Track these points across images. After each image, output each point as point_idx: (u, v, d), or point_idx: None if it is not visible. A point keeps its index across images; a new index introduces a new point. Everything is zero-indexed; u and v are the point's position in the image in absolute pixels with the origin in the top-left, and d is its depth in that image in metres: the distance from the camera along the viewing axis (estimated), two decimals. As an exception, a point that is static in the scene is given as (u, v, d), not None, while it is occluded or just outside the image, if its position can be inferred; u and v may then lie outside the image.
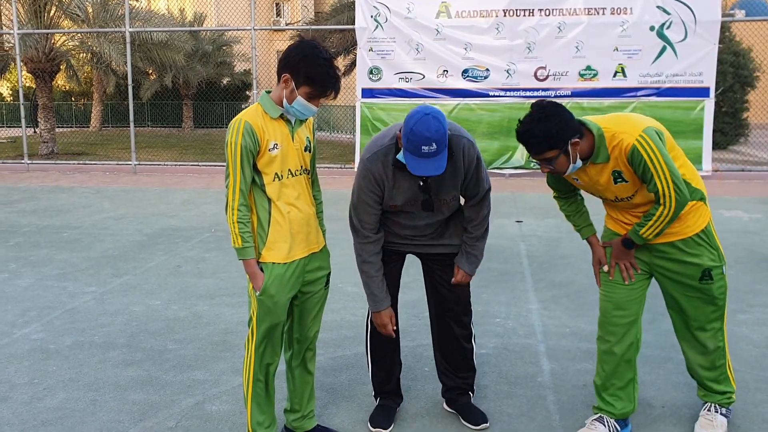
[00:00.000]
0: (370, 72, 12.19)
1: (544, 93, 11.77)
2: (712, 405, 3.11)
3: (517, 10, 11.68)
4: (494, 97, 11.95)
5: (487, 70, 11.90)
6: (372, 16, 12.05)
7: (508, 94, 11.89)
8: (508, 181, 11.68)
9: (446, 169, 2.74)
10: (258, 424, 2.88)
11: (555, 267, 5.97)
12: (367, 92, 12.26)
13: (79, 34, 17.83)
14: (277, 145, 2.69)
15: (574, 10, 11.52)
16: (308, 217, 2.82)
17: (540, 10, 11.62)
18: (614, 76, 11.56)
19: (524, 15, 11.69)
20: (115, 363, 3.94)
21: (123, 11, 14.70)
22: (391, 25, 12.01)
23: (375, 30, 12.07)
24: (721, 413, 3.08)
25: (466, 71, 11.97)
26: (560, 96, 11.70)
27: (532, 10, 11.64)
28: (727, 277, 2.98)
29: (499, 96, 11.93)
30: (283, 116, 2.72)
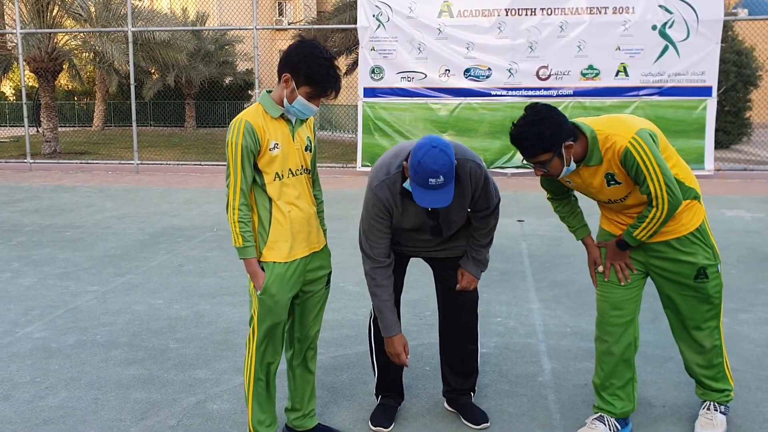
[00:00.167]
0: (372, 71, 12.19)
1: (546, 92, 11.77)
2: (711, 403, 3.11)
3: (519, 10, 11.68)
4: (496, 96, 11.95)
5: (489, 69, 11.89)
6: (374, 16, 12.05)
7: (510, 93, 11.89)
8: (510, 181, 11.67)
9: (454, 195, 2.75)
10: (259, 423, 2.89)
11: (556, 266, 5.98)
12: (369, 92, 12.26)
13: (82, 34, 17.86)
14: (278, 144, 2.69)
15: (576, 9, 11.51)
16: (309, 217, 2.83)
17: (542, 9, 11.61)
18: (616, 75, 11.55)
19: (526, 14, 11.68)
20: (117, 362, 3.95)
21: (125, 11, 14.71)
22: (393, 25, 12.01)
23: (377, 29, 12.07)
24: (720, 411, 3.09)
25: (468, 70, 11.97)
26: (562, 95, 11.71)
27: (534, 9, 11.63)
28: (722, 276, 2.98)
29: (501, 95, 11.93)
30: (283, 116, 2.72)
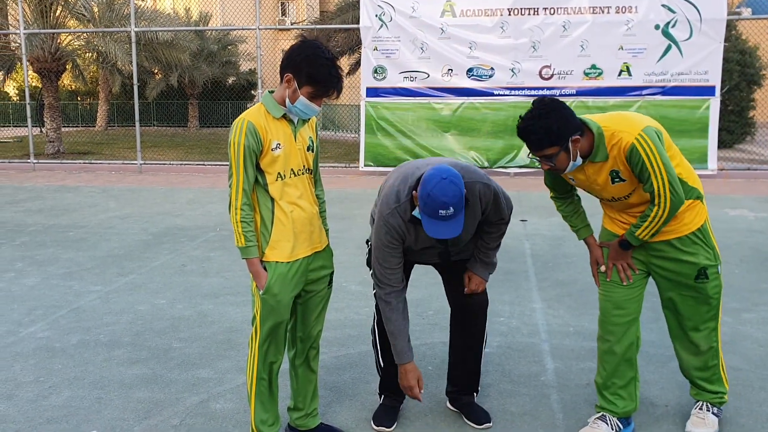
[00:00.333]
0: (375, 71, 12.19)
1: (548, 92, 11.74)
2: (704, 404, 3.11)
3: (521, 9, 11.66)
4: (499, 96, 11.93)
5: (492, 69, 11.88)
6: (377, 15, 12.05)
7: (513, 93, 11.87)
8: (513, 180, 11.67)
9: (464, 218, 2.75)
10: (262, 422, 2.90)
11: (559, 266, 5.97)
12: (372, 91, 12.26)
13: (85, 34, 17.89)
14: (280, 144, 2.70)
15: (579, 8, 11.50)
16: (311, 216, 2.83)
17: (545, 8, 11.60)
18: (619, 74, 11.53)
19: (529, 14, 11.67)
20: (120, 361, 3.96)
21: (128, 11, 14.74)
22: (396, 24, 12.01)
23: (380, 29, 12.07)
24: (712, 412, 3.09)
25: (470, 70, 11.96)
26: (565, 95, 11.68)
27: (537, 8, 11.62)
28: (722, 277, 2.98)
29: (504, 95, 11.91)
30: (285, 116, 2.73)
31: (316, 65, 2.60)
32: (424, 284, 5.11)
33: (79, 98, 35.00)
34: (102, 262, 6.19)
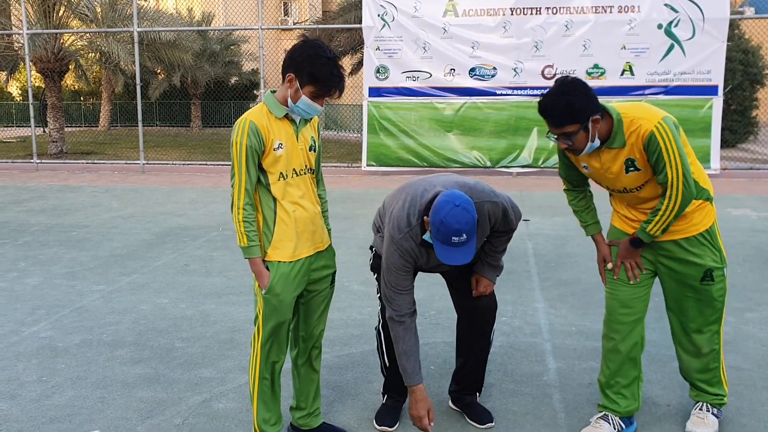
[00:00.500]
0: (377, 71, 12.19)
1: (551, 91, 11.73)
2: (704, 404, 3.11)
3: (524, 9, 11.66)
4: (501, 95, 11.93)
5: (495, 68, 11.88)
6: (379, 15, 12.05)
7: (516, 92, 11.87)
8: (515, 180, 11.67)
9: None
10: (264, 422, 2.90)
11: (562, 265, 5.97)
12: (374, 91, 12.26)
13: (88, 34, 17.91)
14: (282, 144, 2.70)
15: (582, 8, 11.49)
16: (313, 216, 2.83)
17: (547, 8, 11.59)
18: (622, 74, 11.53)
19: (531, 13, 11.66)
20: (123, 361, 3.97)
21: (131, 11, 14.75)
22: (398, 24, 12.01)
23: (382, 29, 12.07)
24: (712, 413, 3.08)
25: (473, 70, 11.96)
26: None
27: (539, 8, 11.62)
28: (727, 280, 2.97)
29: (507, 94, 11.91)
30: (287, 116, 2.73)
31: (317, 64, 2.60)
32: (426, 284, 5.11)
33: (82, 98, 35.06)
34: (105, 262, 6.20)
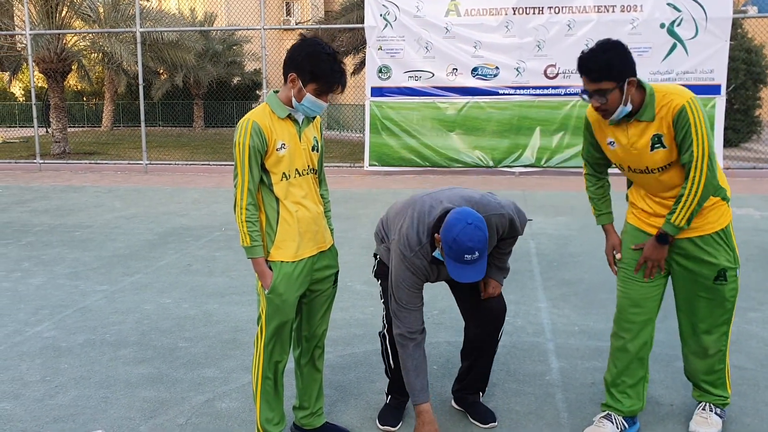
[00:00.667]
0: (380, 71, 12.20)
1: (554, 91, 11.75)
2: (707, 404, 3.11)
3: (526, 8, 11.66)
4: (504, 95, 11.93)
5: (497, 68, 11.88)
6: (381, 15, 12.06)
7: (518, 92, 11.87)
8: (518, 180, 11.66)
9: None
10: (267, 421, 2.91)
11: (564, 265, 5.97)
12: (377, 91, 12.27)
13: (91, 35, 17.95)
14: (285, 144, 2.71)
15: (584, 7, 11.48)
16: (316, 216, 2.83)
17: (549, 7, 11.59)
18: (624, 73, 11.50)
19: (533, 13, 11.66)
20: (126, 361, 3.98)
21: (134, 11, 14.78)
22: (401, 24, 12.02)
23: (384, 28, 12.08)
24: (716, 413, 3.08)
25: (475, 69, 11.96)
26: (570, 94, 11.67)
27: (542, 7, 11.61)
28: (739, 281, 2.96)
29: (509, 94, 11.91)
30: (290, 116, 2.73)
31: (318, 62, 2.61)
32: (429, 285, 5.11)
33: (85, 98, 35.10)
34: (108, 262, 6.21)
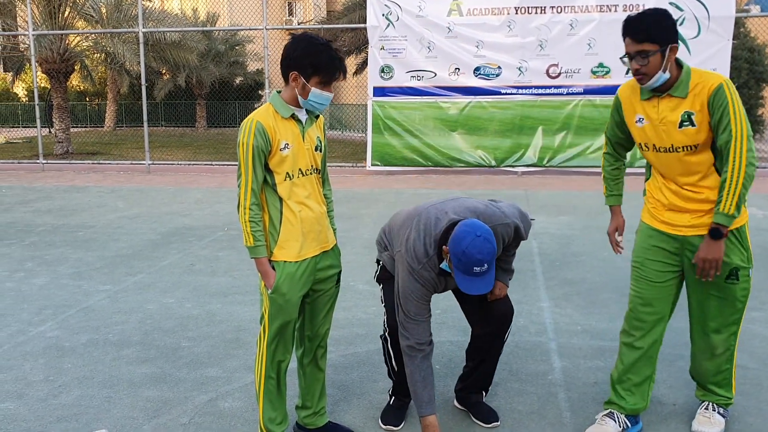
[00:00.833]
0: (382, 70, 12.20)
1: (556, 90, 11.74)
2: (710, 404, 3.11)
3: (528, 8, 11.65)
4: (506, 94, 11.93)
5: (499, 67, 11.88)
6: (383, 15, 12.06)
7: (520, 91, 11.87)
8: (521, 179, 11.66)
9: None
10: (270, 421, 2.91)
11: (567, 265, 5.97)
12: (379, 91, 12.27)
13: (93, 35, 17.97)
14: (288, 144, 2.71)
15: (586, 7, 11.48)
16: (319, 216, 2.84)
17: (552, 7, 11.58)
18: (627, 73, 11.36)
19: (536, 12, 11.66)
20: (129, 360, 3.99)
21: (136, 12, 14.80)
22: (403, 24, 12.02)
23: (386, 28, 12.08)
24: (718, 412, 3.08)
25: (477, 69, 11.96)
26: (572, 93, 11.68)
27: (544, 7, 11.61)
28: (751, 281, 2.94)
29: (511, 94, 11.91)
30: (294, 116, 2.74)
31: (316, 54, 2.63)
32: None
33: (88, 99, 35.16)
34: (111, 262, 6.22)
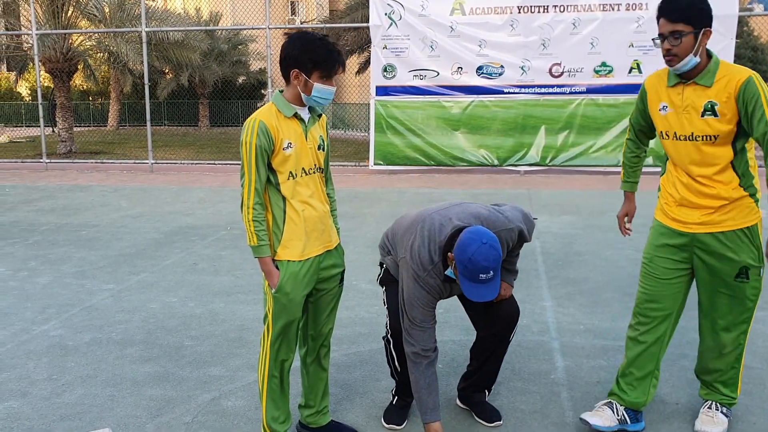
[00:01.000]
0: (385, 69, 12.20)
1: (558, 89, 11.73)
2: (713, 403, 3.11)
3: (531, 7, 11.64)
4: (509, 93, 11.92)
5: (502, 67, 11.87)
6: (386, 14, 12.06)
7: (523, 91, 11.86)
8: (523, 179, 11.66)
9: None
10: (273, 420, 2.92)
11: (569, 264, 5.97)
12: (382, 90, 12.27)
13: (96, 34, 17.99)
14: (291, 144, 2.71)
15: (589, 6, 11.46)
16: (322, 215, 2.84)
17: (554, 6, 11.57)
18: (629, 72, 11.49)
19: (539, 11, 11.64)
20: (133, 359, 3.99)
21: (139, 11, 14.81)
22: (406, 23, 12.02)
23: (389, 27, 12.08)
24: (721, 411, 3.08)
25: (480, 68, 11.95)
26: (575, 93, 11.67)
27: (547, 6, 11.60)
28: (762, 281, 2.92)
29: (514, 93, 11.90)
30: (296, 115, 2.74)
31: (314, 49, 2.64)
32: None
33: (91, 98, 35.22)
34: (114, 261, 6.24)
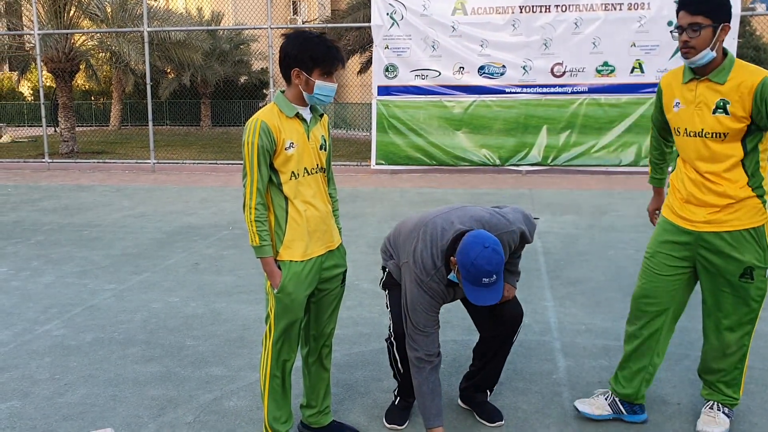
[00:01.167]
0: (386, 69, 12.20)
1: (560, 89, 11.72)
2: (715, 403, 3.10)
3: (533, 7, 11.63)
4: (510, 93, 11.91)
5: (504, 66, 11.86)
6: (388, 14, 12.06)
7: (525, 90, 11.85)
8: (525, 178, 11.65)
9: None
10: (275, 420, 2.92)
11: (571, 264, 5.96)
12: (383, 90, 12.27)
13: (99, 34, 18.01)
14: (293, 144, 2.72)
15: (591, 5, 11.45)
16: (325, 215, 2.85)
17: (556, 6, 11.56)
18: (632, 71, 11.48)
19: (540, 11, 11.64)
20: (135, 359, 4.00)
21: (141, 11, 14.82)
22: (407, 23, 12.01)
23: (391, 27, 12.08)
24: (723, 412, 3.07)
25: (482, 68, 11.95)
26: (577, 92, 11.65)
27: (549, 6, 11.59)
28: None
29: (516, 92, 11.89)
30: (298, 115, 2.75)
31: (313, 47, 2.64)
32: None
33: (93, 98, 35.25)
34: (116, 261, 6.24)
